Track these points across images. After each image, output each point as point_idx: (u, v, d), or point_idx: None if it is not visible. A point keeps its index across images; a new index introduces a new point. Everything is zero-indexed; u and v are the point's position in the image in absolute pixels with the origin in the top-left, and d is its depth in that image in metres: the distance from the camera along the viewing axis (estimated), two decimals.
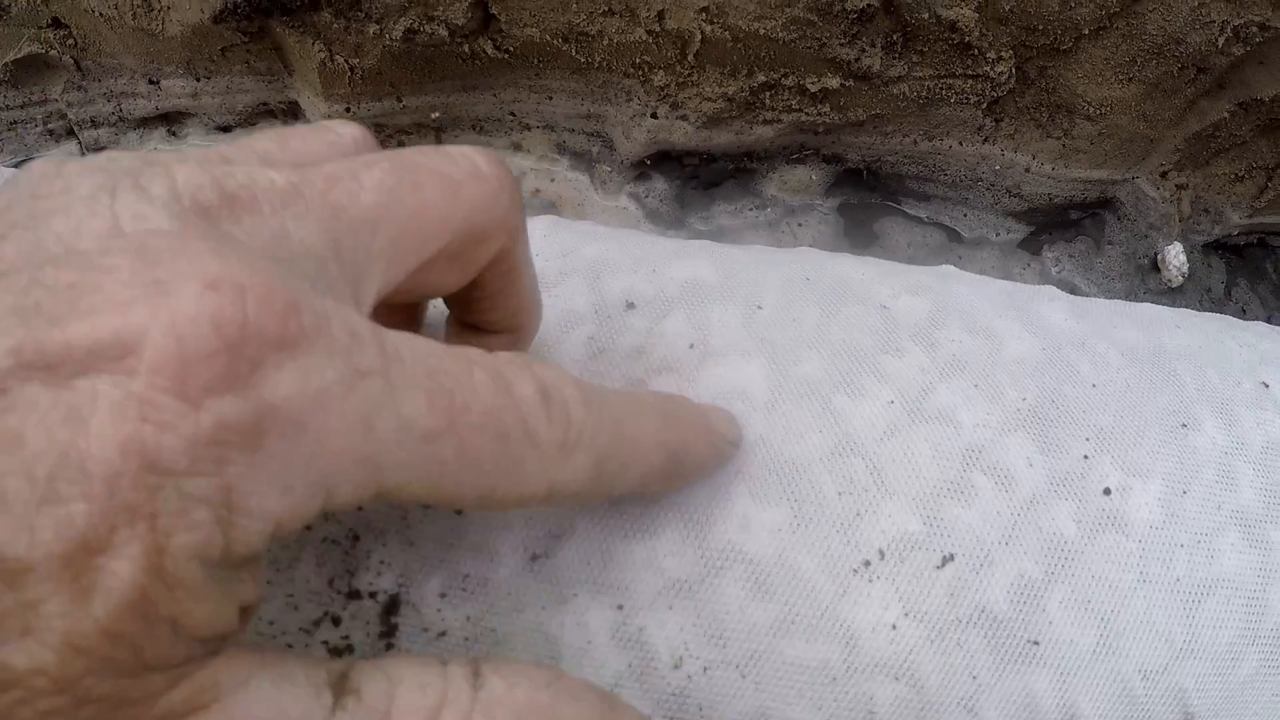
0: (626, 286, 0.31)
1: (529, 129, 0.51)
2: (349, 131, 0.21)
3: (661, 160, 0.51)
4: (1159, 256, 0.54)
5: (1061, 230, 0.55)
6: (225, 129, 0.55)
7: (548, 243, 0.33)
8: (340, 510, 0.18)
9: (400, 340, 0.17)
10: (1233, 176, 0.56)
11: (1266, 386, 0.35)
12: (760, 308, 0.31)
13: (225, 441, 0.14)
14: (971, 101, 0.49)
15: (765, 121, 0.48)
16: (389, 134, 0.52)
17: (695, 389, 0.29)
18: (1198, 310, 0.56)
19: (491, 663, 0.19)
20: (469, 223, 0.20)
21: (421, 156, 0.20)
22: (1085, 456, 0.30)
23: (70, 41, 0.53)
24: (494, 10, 0.45)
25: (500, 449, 0.18)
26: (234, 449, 0.14)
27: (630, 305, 0.31)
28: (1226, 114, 0.53)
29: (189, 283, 0.14)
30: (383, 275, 0.19)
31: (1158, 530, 0.30)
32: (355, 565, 0.28)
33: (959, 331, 0.32)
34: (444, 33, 0.46)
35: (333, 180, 0.18)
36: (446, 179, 0.19)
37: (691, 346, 0.30)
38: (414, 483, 0.17)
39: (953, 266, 0.35)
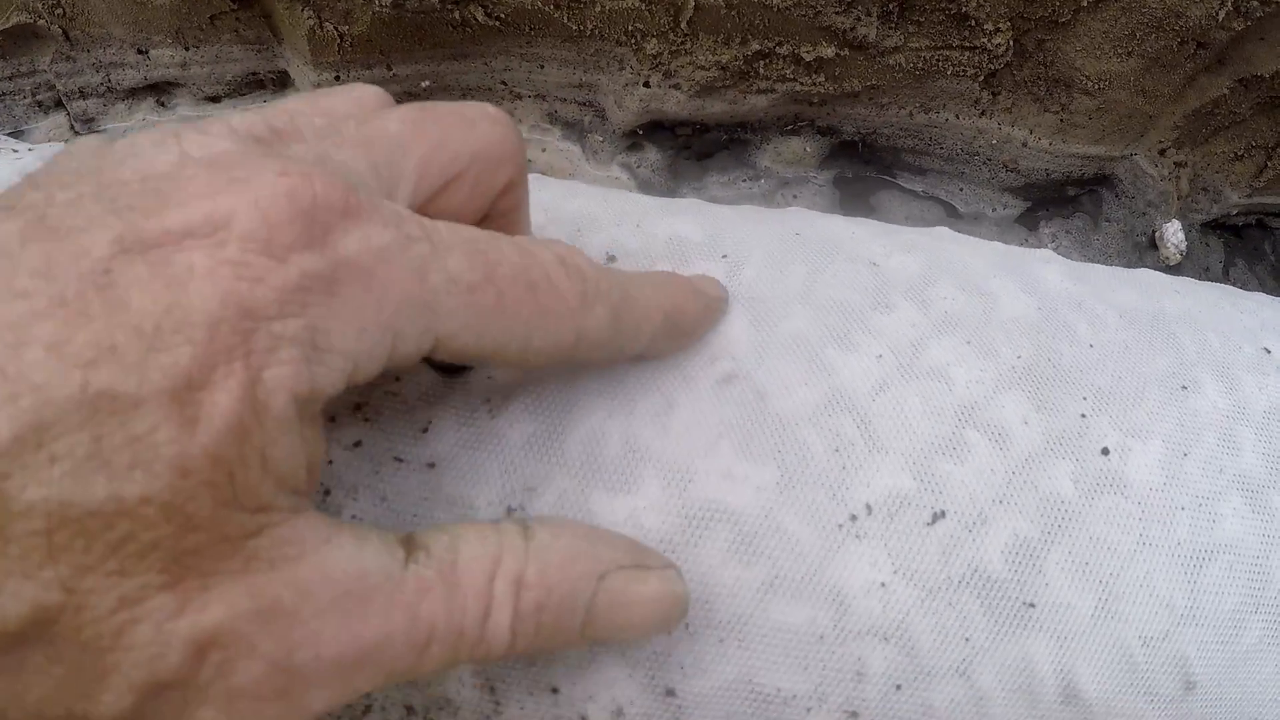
0: (609, 239, 0.30)
1: (520, 98, 0.50)
2: (372, 91, 0.24)
3: (654, 130, 0.50)
4: (1157, 234, 0.53)
5: (1059, 207, 0.53)
6: (214, 99, 0.53)
7: (531, 197, 0.32)
8: (404, 364, 0.20)
9: (436, 220, 0.20)
10: (1232, 155, 0.55)
11: (1268, 352, 0.34)
12: (746, 264, 0.30)
13: (308, 288, 0.17)
14: (968, 74, 0.47)
15: (759, 91, 0.47)
16: None
17: None
18: None
19: (536, 519, 0.22)
20: (483, 151, 0.22)
21: (439, 104, 0.23)
22: (1083, 416, 0.29)
23: (59, 10, 0.52)
24: None
25: (531, 297, 0.21)
26: (315, 294, 0.17)
27: (611, 258, 0.30)
28: (1226, 90, 0.52)
29: (264, 173, 0.17)
30: (412, 192, 0.21)
31: (1158, 492, 0.29)
32: None
33: (952, 289, 0.30)
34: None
35: (363, 120, 0.21)
36: (461, 116, 0.22)
37: None
38: (463, 332, 0.20)
39: (947, 228, 0.34)
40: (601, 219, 0.31)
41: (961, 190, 0.51)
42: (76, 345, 0.15)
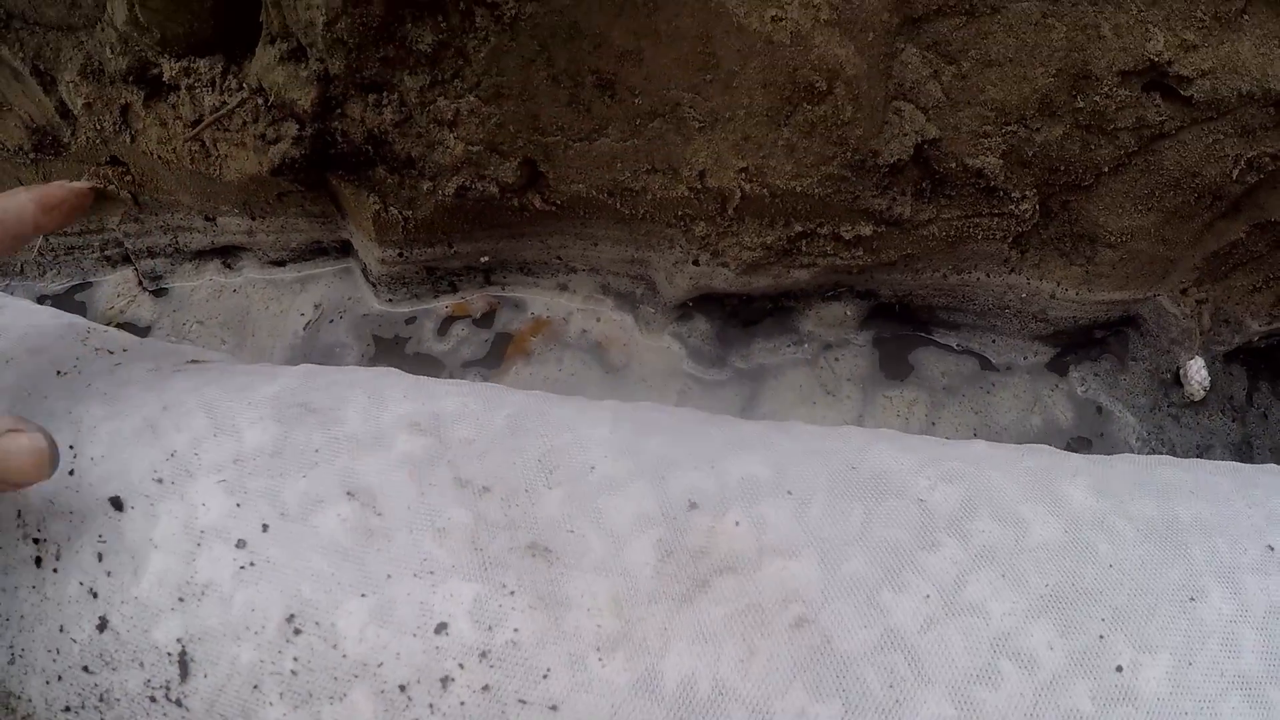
0: (688, 485, 0.38)
1: (575, 271, 0.58)
2: None
3: (703, 300, 0.58)
4: (1181, 372, 0.60)
5: (1086, 349, 0.61)
6: (279, 263, 0.61)
7: (614, 438, 0.40)
8: None
9: None
10: (1251, 288, 0.62)
11: (1272, 549, 0.41)
12: (812, 501, 0.38)
13: None
14: (998, 237, 0.55)
15: (802, 266, 0.54)
16: (440, 275, 0.58)
17: (755, 588, 0.36)
18: (1220, 418, 0.62)
19: None
20: None
21: None
22: (1101, 637, 0.37)
23: (128, 178, 0.60)
24: (542, 169, 0.52)
25: None
26: None
27: (693, 505, 0.37)
28: (1243, 234, 0.59)
29: None
30: None
31: (1165, 702, 0.36)
32: None
33: (988, 521, 0.38)
34: (494, 190, 0.52)
35: None
36: None
37: (749, 544, 0.36)
38: None
39: (984, 444, 0.42)
40: (680, 461, 0.39)
41: (994, 342, 0.59)
42: None
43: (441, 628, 0.35)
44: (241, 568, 0.37)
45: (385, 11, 0.46)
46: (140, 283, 0.63)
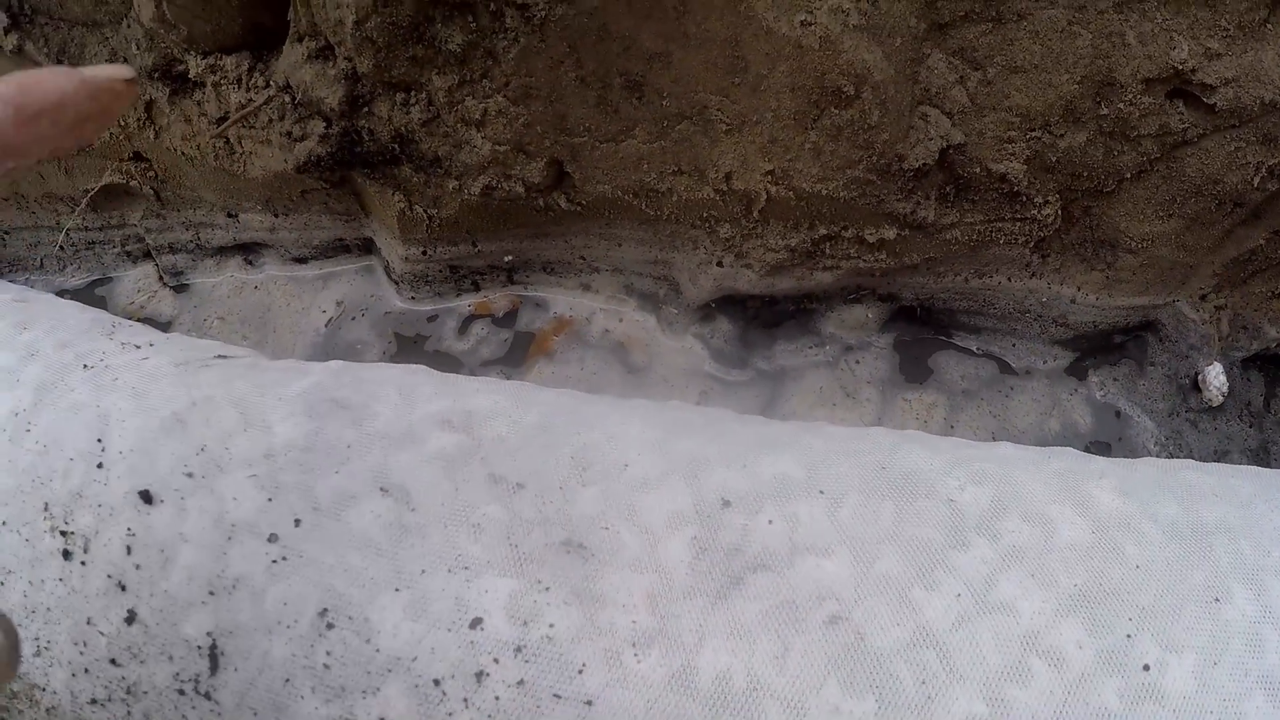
0: (721, 483, 0.39)
1: (598, 271, 0.58)
2: None
3: (725, 301, 0.58)
4: (1200, 378, 0.61)
5: (1105, 354, 0.62)
6: (301, 260, 0.61)
7: (646, 436, 0.40)
8: None
9: None
10: (1269, 294, 0.63)
11: None
12: (844, 501, 0.39)
13: None
14: (1020, 242, 0.56)
15: (825, 268, 0.55)
16: (463, 274, 0.59)
17: (789, 586, 0.36)
18: (1238, 424, 0.63)
19: None
20: None
21: None
22: (1128, 636, 0.37)
23: (151, 174, 0.60)
24: (569, 170, 0.52)
25: None
26: None
27: (727, 503, 0.38)
28: (1262, 240, 0.60)
29: None
30: None
31: (1190, 700, 0.37)
32: None
33: (1018, 521, 0.39)
34: (520, 189, 0.53)
35: None
36: None
37: (783, 542, 0.37)
38: None
39: (1010, 445, 0.42)
40: (712, 460, 0.40)
41: (1014, 346, 0.60)
42: None
43: (476, 623, 0.36)
44: (274, 562, 0.38)
45: (415, 11, 0.47)
46: (161, 278, 0.63)
